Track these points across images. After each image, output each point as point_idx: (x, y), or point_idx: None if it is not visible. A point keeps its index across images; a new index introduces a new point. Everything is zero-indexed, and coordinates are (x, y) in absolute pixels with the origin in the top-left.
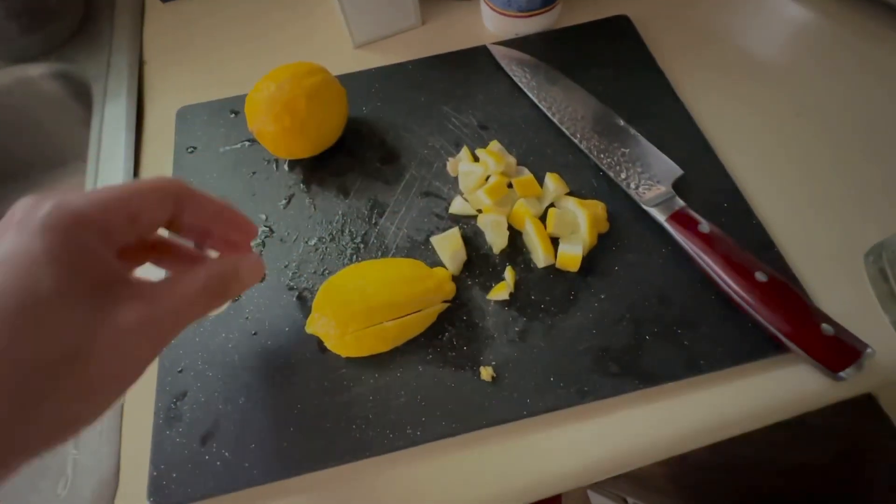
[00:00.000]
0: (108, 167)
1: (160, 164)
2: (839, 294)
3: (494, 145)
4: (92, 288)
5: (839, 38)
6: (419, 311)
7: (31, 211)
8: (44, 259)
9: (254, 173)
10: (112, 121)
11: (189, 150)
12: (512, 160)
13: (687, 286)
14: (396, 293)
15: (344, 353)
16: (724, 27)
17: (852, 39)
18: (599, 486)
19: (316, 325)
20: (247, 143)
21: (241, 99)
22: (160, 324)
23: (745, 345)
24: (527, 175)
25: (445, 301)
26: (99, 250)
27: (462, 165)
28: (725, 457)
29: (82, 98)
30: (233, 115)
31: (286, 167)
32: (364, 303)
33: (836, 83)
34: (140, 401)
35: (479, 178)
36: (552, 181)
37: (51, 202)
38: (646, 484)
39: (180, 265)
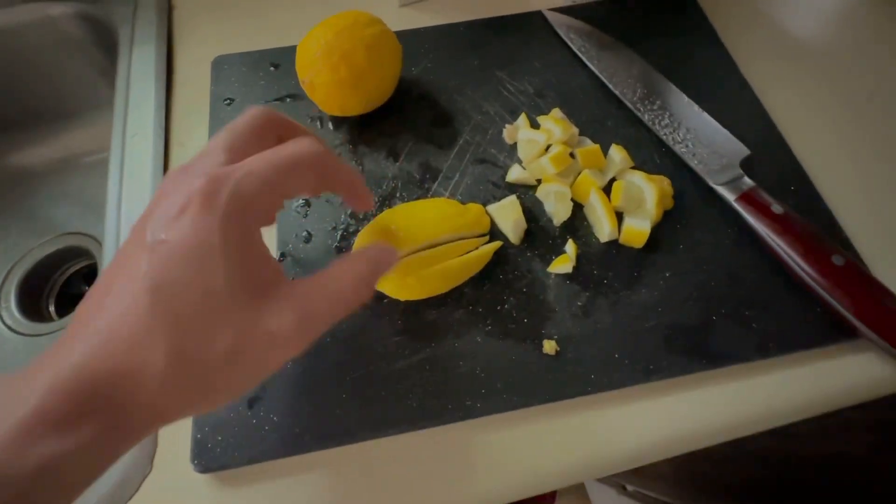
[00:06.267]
0: (136, 117)
1: (194, 115)
2: None
3: (557, 112)
4: (255, 287)
5: None
6: (474, 249)
7: (211, 192)
8: (220, 253)
9: None
10: (140, 68)
11: (226, 102)
12: (575, 129)
13: (755, 267)
14: (439, 229)
15: (404, 297)
16: (793, 6)
17: None
18: None
19: None
20: (288, 99)
21: (281, 51)
22: (313, 326)
23: (816, 329)
24: (591, 145)
25: (483, 235)
26: (262, 245)
27: (522, 133)
28: (735, 447)
29: (104, 43)
30: (273, 69)
31: (331, 125)
32: (414, 242)
33: None
34: None
35: (540, 146)
36: (618, 153)
37: (229, 188)
38: (646, 471)
39: None
